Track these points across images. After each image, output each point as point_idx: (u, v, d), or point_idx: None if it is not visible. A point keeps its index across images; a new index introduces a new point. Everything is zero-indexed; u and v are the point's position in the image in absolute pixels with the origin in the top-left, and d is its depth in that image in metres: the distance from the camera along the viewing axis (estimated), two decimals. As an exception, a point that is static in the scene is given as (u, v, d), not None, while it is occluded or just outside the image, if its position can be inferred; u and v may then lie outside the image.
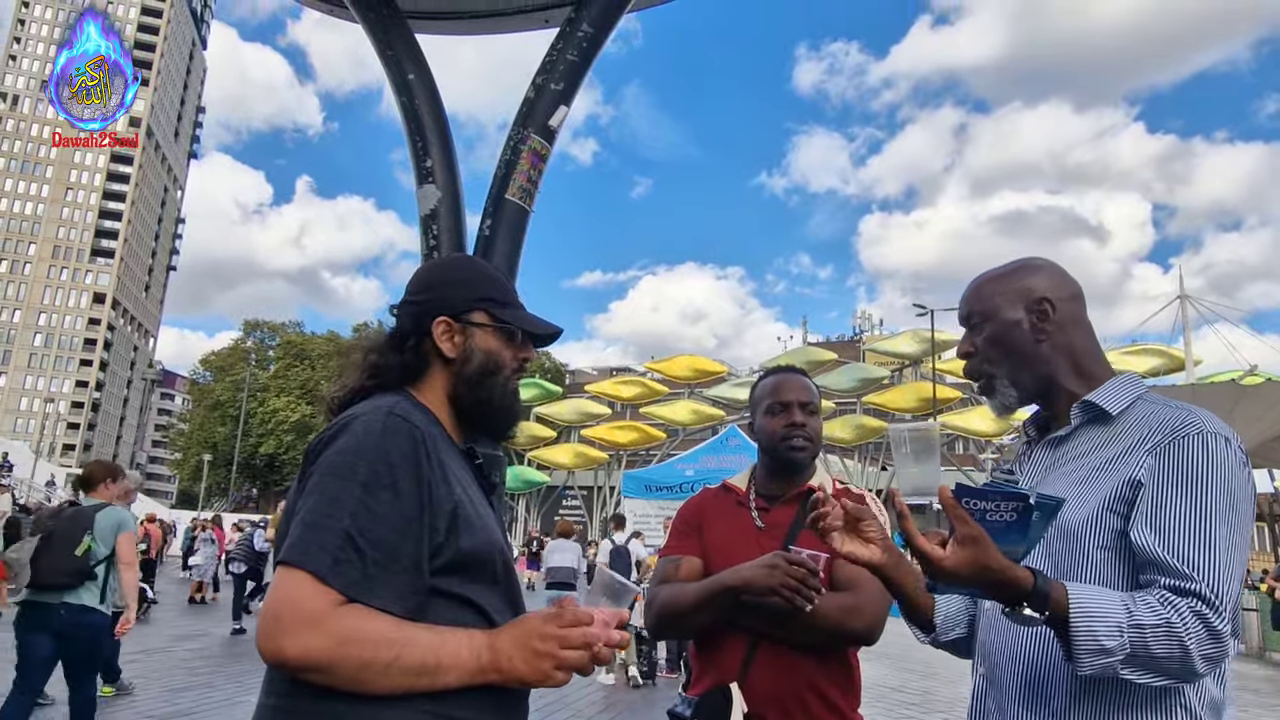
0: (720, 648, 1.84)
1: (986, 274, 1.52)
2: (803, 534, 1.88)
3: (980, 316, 1.48)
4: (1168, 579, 1.16)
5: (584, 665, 1.16)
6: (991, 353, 1.46)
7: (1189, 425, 1.25)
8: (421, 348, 1.35)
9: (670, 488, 14.73)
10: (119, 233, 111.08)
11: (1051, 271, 1.47)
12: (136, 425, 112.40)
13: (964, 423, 39.63)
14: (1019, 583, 1.15)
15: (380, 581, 1.10)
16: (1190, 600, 1.13)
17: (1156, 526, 1.20)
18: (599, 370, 65.41)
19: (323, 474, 1.15)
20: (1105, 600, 1.15)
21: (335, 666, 1.05)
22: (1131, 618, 1.13)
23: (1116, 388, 1.37)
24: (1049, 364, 1.42)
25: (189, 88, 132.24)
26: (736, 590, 1.74)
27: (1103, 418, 1.35)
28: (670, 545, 2.04)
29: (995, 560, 1.15)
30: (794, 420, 1.96)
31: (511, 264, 4.38)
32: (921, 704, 8.42)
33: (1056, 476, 1.37)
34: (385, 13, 4.79)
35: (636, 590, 1.30)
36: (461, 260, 1.53)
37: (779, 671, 1.77)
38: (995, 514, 1.16)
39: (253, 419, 59.36)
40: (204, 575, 16.21)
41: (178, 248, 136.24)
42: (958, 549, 1.16)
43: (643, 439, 48.80)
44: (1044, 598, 1.14)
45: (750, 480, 2.05)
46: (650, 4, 5.34)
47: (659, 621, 1.90)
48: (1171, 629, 1.11)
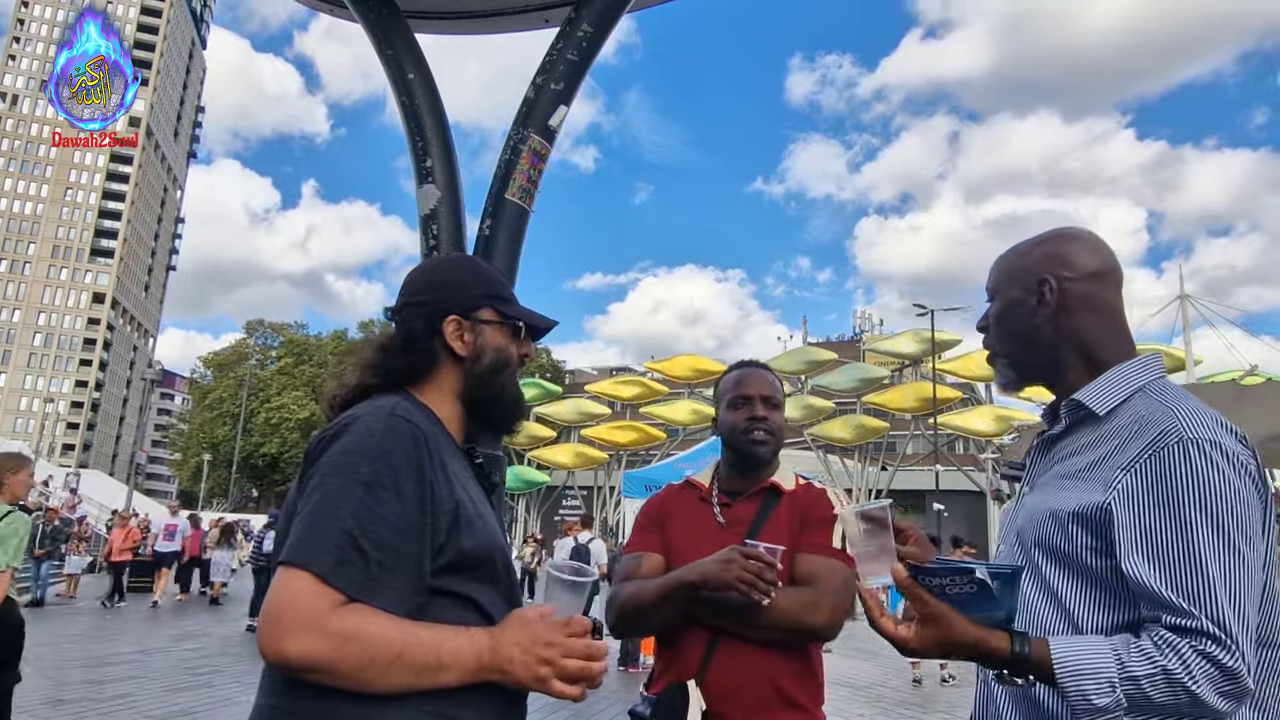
0: (680, 645, 1.83)
1: (1017, 245, 1.44)
2: (764, 529, 1.88)
3: (993, 291, 1.44)
4: (1168, 616, 1.07)
5: (581, 677, 1.16)
6: (997, 330, 1.42)
7: (1169, 434, 1.13)
8: (431, 347, 1.35)
9: (670, 487, 14.69)
10: (119, 232, 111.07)
11: (1077, 246, 1.36)
12: (136, 425, 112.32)
13: (964, 423, 39.61)
14: (995, 651, 1.12)
15: (382, 581, 1.10)
16: (1193, 639, 1.04)
17: (1149, 556, 1.10)
18: (599, 370, 65.42)
19: (324, 474, 1.15)
20: (1093, 654, 1.07)
21: (336, 667, 1.05)
22: (1124, 669, 1.05)
23: (1109, 382, 1.27)
24: (1050, 349, 1.34)
25: (189, 88, 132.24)
26: (694, 586, 1.73)
27: (1091, 416, 1.27)
28: (633, 542, 2.03)
29: (961, 634, 1.12)
30: (755, 414, 1.96)
31: (511, 264, 4.37)
32: (922, 704, 8.42)
33: (1049, 478, 1.32)
34: (385, 12, 4.78)
35: (591, 578, 1.29)
36: (463, 260, 1.53)
37: (738, 668, 1.76)
38: (954, 587, 1.13)
39: (256, 418, 59.30)
40: (223, 575, 16.34)
41: (177, 248, 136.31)
42: (920, 629, 1.15)
43: (643, 439, 48.79)
44: (1024, 662, 1.10)
45: (714, 476, 2.05)
46: (651, 3, 5.33)
47: (620, 619, 1.89)
48: (1170, 676, 1.03)
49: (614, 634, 1.97)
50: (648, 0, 5.27)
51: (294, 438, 57.88)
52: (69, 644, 9.65)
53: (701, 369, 50.73)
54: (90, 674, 7.66)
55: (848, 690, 8.80)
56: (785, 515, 1.90)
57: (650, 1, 5.30)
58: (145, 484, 63.41)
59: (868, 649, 11.66)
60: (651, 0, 5.30)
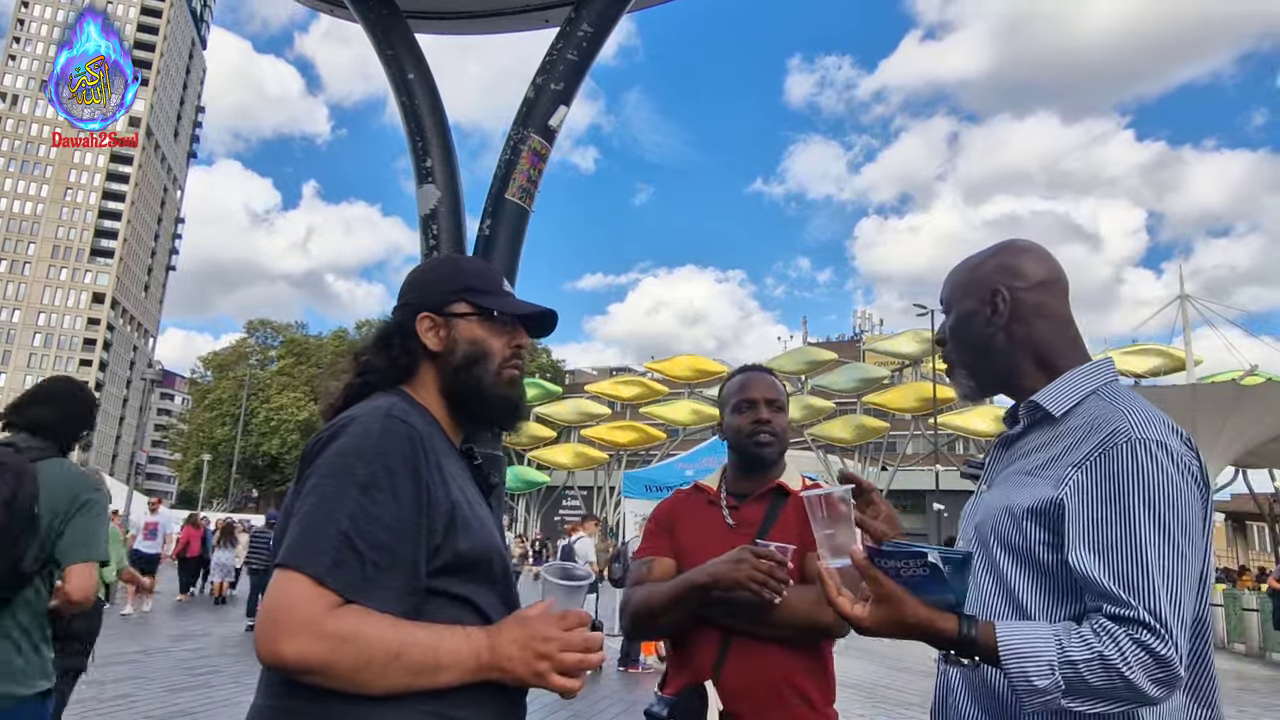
0: (694, 646, 1.85)
1: (966, 259, 1.50)
2: (773, 530, 1.91)
3: (947, 304, 1.48)
4: (1108, 605, 1.13)
5: (581, 669, 1.17)
6: (954, 342, 1.46)
7: (1119, 434, 1.19)
8: (409, 347, 1.35)
9: (670, 488, 14.59)
10: (119, 232, 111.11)
11: (1025, 258, 1.41)
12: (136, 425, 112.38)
13: (964, 423, 39.62)
14: (943, 632, 1.17)
15: (378, 583, 1.10)
16: (1129, 628, 1.10)
17: (1094, 549, 1.16)
18: (599, 370, 65.43)
19: (321, 475, 1.15)
20: (1036, 638, 1.13)
21: (333, 668, 1.05)
22: (1063, 654, 1.10)
23: (1065, 385, 1.33)
24: (1007, 357, 1.39)
25: (189, 88, 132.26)
26: (706, 587, 1.75)
27: (1049, 418, 1.32)
28: (643, 547, 2.06)
29: (912, 615, 1.17)
30: (760, 417, 1.99)
31: (511, 264, 4.37)
32: (922, 704, 8.42)
33: (1007, 475, 1.36)
34: (384, 12, 4.78)
35: (585, 580, 1.30)
36: (444, 258, 1.54)
37: (753, 667, 1.78)
38: (908, 570, 1.18)
39: (255, 418, 59.27)
40: (225, 575, 16.27)
41: (177, 247, 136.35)
42: (874, 609, 1.20)
43: (643, 439, 48.81)
44: (970, 643, 1.16)
45: (721, 480, 2.08)
46: (651, 2, 5.33)
47: (633, 623, 1.91)
48: (1106, 661, 1.09)
49: (627, 637, 1.99)
50: (648, 0, 5.27)
51: (294, 438, 57.85)
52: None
53: (701, 369, 50.74)
54: (90, 674, 7.66)
55: (847, 690, 8.80)
56: (793, 515, 1.92)
57: (650, 1, 5.30)
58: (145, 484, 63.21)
59: (867, 648, 11.66)
60: (651, 0, 5.30)
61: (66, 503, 2.37)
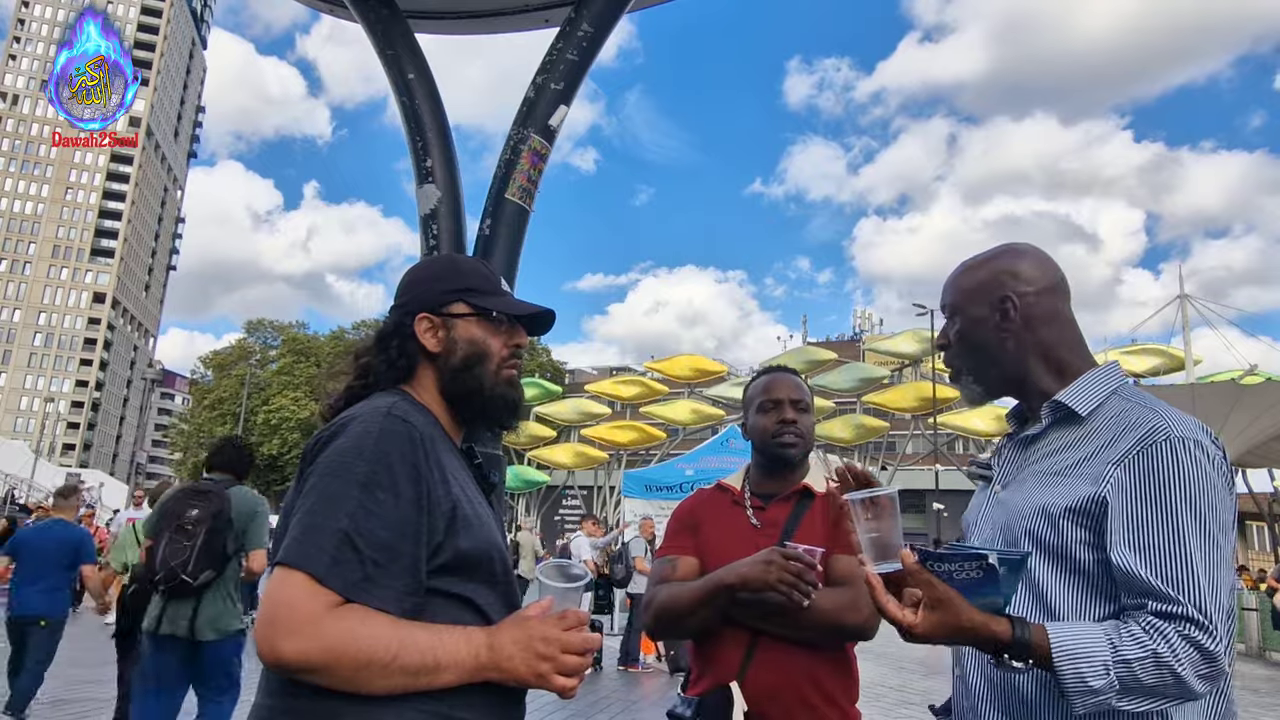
0: (719, 646, 1.84)
1: (965, 262, 1.50)
2: (799, 531, 1.89)
3: (951, 309, 1.48)
4: (1154, 603, 1.13)
5: (581, 670, 1.17)
6: (960, 348, 1.46)
7: (1158, 431, 1.21)
8: (408, 348, 1.35)
9: (670, 488, 14.70)
10: (119, 232, 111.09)
11: (1027, 262, 1.42)
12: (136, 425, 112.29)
13: (964, 423, 39.62)
14: (997, 636, 1.15)
15: (378, 582, 1.10)
16: (1179, 624, 1.11)
17: (1136, 547, 1.16)
18: (599, 370, 65.37)
19: (321, 475, 1.15)
20: (1088, 639, 1.13)
21: (333, 667, 1.05)
22: (1116, 653, 1.11)
23: (1088, 385, 1.33)
24: (1018, 362, 1.39)
25: (189, 88, 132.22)
26: (733, 588, 1.74)
27: (1072, 417, 1.32)
28: (666, 545, 2.05)
29: (967, 619, 1.15)
30: (785, 417, 1.98)
31: (511, 264, 4.38)
32: (921, 704, 8.42)
33: (1026, 475, 1.36)
34: (385, 13, 4.78)
35: (581, 581, 1.30)
36: (441, 258, 1.53)
37: (778, 668, 1.77)
38: (961, 573, 1.16)
39: (256, 418, 59.26)
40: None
41: (178, 247, 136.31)
42: (927, 613, 1.17)
43: (643, 439, 48.78)
44: (1025, 646, 1.14)
45: (745, 479, 2.06)
46: (651, 2, 5.33)
47: (657, 622, 1.90)
48: (1159, 659, 1.09)
49: (651, 637, 1.99)
50: (648, 0, 5.28)
51: (294, 438, 57.83)
52: (71, 644, 9.64)
53: (701, 369, 50.72)
54: (92, 674, 7.66)
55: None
56: (820, 517, 1.91)
57: (650, 1, 5.30)
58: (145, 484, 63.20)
59: (867, 648, 11.62)
60: (651, 0, 5.30)
61: (247, 514, 3.89)
